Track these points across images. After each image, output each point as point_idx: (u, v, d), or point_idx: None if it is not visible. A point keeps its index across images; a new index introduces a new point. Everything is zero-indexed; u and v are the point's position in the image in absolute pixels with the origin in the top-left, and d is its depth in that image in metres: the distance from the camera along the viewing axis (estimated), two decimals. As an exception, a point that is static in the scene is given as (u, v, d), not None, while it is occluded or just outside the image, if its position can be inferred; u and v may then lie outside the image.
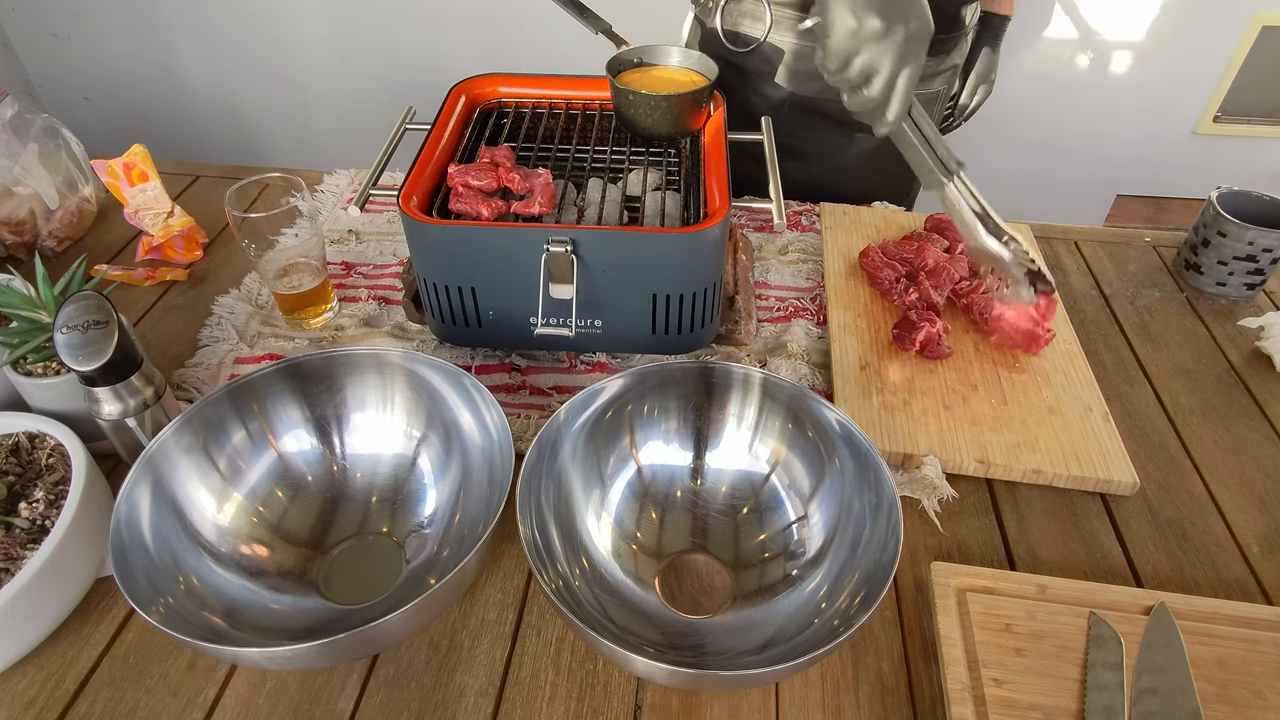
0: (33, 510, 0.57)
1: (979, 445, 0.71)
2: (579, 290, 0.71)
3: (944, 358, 0.79)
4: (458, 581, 0.51)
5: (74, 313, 0.58)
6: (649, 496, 0.66)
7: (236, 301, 0.87)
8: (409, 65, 1.88)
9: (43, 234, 0.93)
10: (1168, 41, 1.65)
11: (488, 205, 0.72)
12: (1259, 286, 0.91)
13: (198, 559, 0.57)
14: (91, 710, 0.54)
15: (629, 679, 0.57)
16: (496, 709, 0.55)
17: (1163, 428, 0.77)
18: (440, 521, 0.63)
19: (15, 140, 0.92)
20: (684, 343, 0.77)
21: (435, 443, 0.66)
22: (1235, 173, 1.80)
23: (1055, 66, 1.70)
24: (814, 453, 0.63)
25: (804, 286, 0.91)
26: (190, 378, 0.78)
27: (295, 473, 0.65)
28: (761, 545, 0.63)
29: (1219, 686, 0.54)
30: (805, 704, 0.55)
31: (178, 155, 1.25)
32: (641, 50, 0.85)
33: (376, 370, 0.66)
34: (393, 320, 0.86)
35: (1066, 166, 1.84)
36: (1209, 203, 0.90)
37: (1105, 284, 0.94)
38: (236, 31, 1.87)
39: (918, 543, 0.66)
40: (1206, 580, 0.64)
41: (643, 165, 0.83)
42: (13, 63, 1.98)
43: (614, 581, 0.60)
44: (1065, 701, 0.53)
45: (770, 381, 0.64)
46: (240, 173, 1.08)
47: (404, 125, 0.86)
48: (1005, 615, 0.57)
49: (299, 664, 0.52)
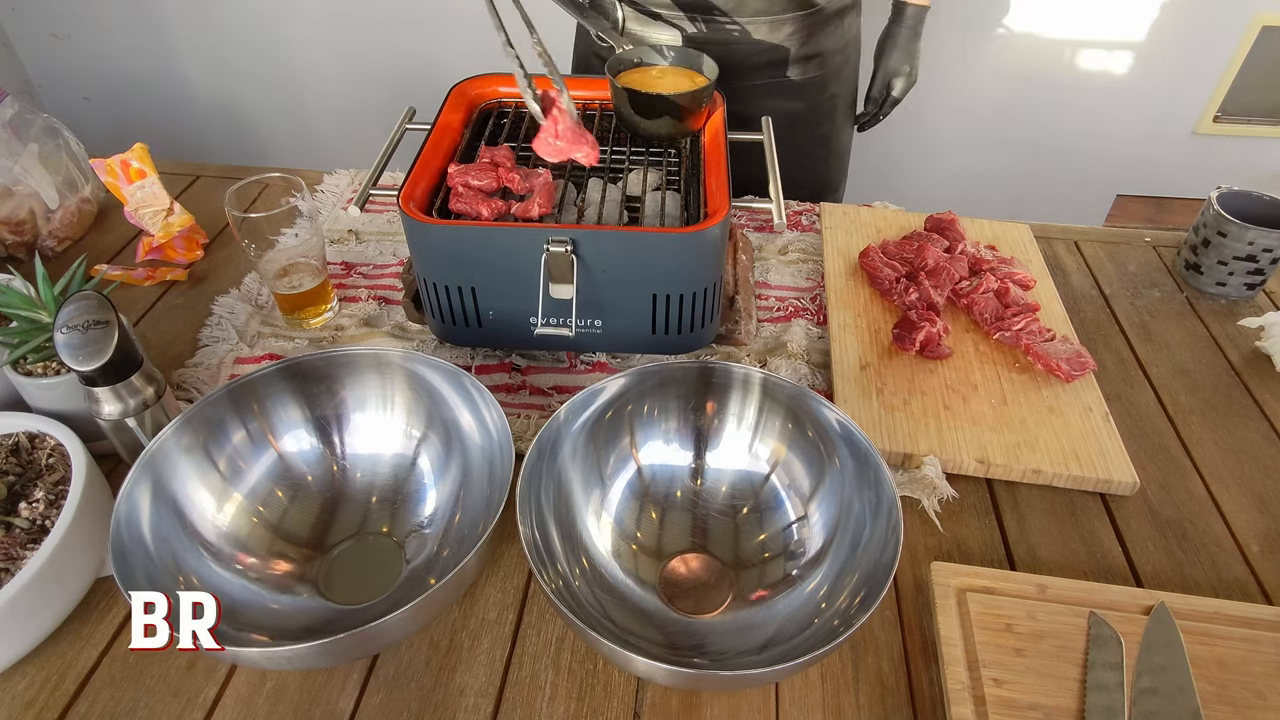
0: (33, 510, 0.57)
1: (979, 445, 0.71)
2: (579, 290, 0.71)
3: (944, 358, 0.79)
4: (458, 581, 0.51)
5: (74, 313, 0.58)
6: (649, 496, 0.66)
7: (236, 301, 0.87)
8: (409, 65, 1.88)
9: (43, 234, 0.93)
10: (1168, 41, 1.65)
11: (488, 205, 0.72)
12: (1259, 286, 0.91)
13: (198, 559, 0.57)
14: (91, 710, 0.54)
15: (629, 679, 0.57)
16: (496, 709, 0.55)
17: (1163, 428, 0.77)
18: (440, 521, 0.63)
19: (15, 140, 0.92)
20: (684, 343, 0.77)
21: (435, 443, 0.66)
22: (1235, 173, 1.80)
23: (1055, 66, 1.70)
24: (814, 453, 0.63)
25: (804, 286, 0.91)
26: (190, 378, 0.78)
27: (295, 473, 0.65)
28: (761, 545, 0.63)
29: (1219, 686, 0.54)
30: (805, 704, 0.55)
31: (178, 155, 1.25)
32: (641, 50, 0.85)
33: (376, 370, 0.66)
34: (393, 320, 0.86)
35: (1066, 166, 1.84)
36: (1209, 203, 0.90)
37: (1105, 284, 0.94)
38: (236, 31, 1.87)
39: (918, 543, 0.66)
40: (1206, 580, 0.64)
41: (643, 165, 0.83)
42: (13, 63, 1.97)
43: (614, 581, 0.60)
44: (1065, 701, 0.53)
45: (770, 381, 0.64)
46: (240, 173, 1.08)
47: (404, 125, 0.86)
48: (1005, 615, 0.57)
49: (299, 664, 0.52)
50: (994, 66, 1.71)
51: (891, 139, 1.80)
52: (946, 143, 1.84)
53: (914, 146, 1.84)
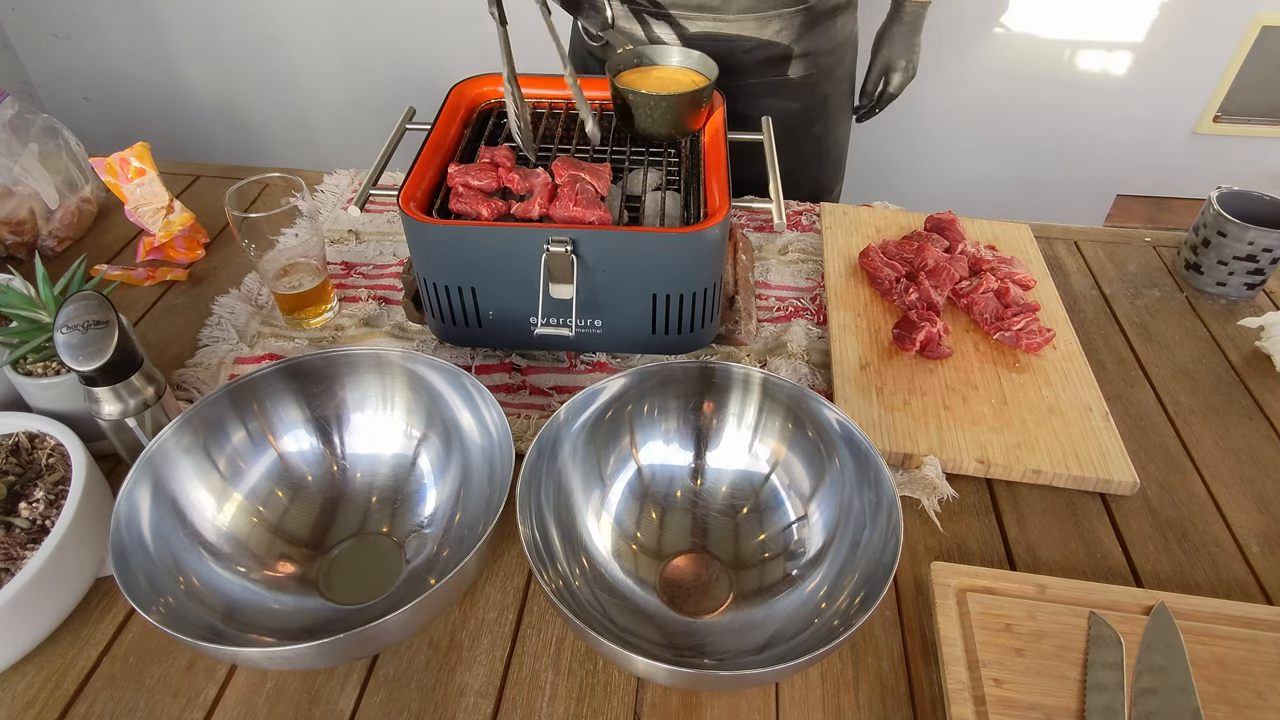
0: (33, 510, 0.57)
1: (979, 445, 0.71)
2: (579, 290, 0.71)
3: (944, 358, 0.79)
4: (458, 581, 0.51)
5: (74, 313, 0.58)
6: (649, 496, 0.66)
7: (236, 301, 0.87)
8: (409, 65, 1.88)
9: (43, 234, 0.93)
10: (1168, 42, 1.65)
11: (488, 205, 0.72)
12: (1259, 286, 0.91)
13: (198, 559, 0.57)
14: (91, 710, 0.54)
15: (629, 679, 0.57)
16: (496, 709, 0.55)
17: (1163, 428, 0.77)
18: (440, 521, 0.63)
19: (15, 140, 0.92)
20: (684, 343, 0.77)
21: (435, 443, 0.66)
22: (1235, 173, 1.80)
23: (1055, 66, 1.70)
24: (814, 453, 0.63)
25: (804, 286, 0.91)
26: (190, 378, 0.78)
27: (295, 473, 0.65)
28: (761, 545, 0.63)
29: (1219, 686, 0.54)
30: (805, 704, 0.55)
31: (178, 155, 1.25)
32: (641, 50, 0.85)
33: (376, 370, 0.66)
34: (393, 320, 0.86)
35: (1066, 166, 1.84)
36: (1209, 203, 0.90)
37: (1105, 284, 0.94)
38: (236, 31, 1.87)
39: (918, 543, 0.66)
40: (1206, 580, 0.64)
41: (643, 165, 0.83)
42: (13, 63, 1.97)
43: (614, 581, 0.60)
44: (1065, 701, 0.53)
45: (770, 381, 0.64)
46: (240, 173, 1.08)
47: (404, 125, 0.86)
48: (1005, 615, 0.57)
49: (299, 664, 0.52)
50: (994, 66, 1.71)
51: (892, 139, 1.80)
52: (946, 143, 1.84)
53: (914, 146, 1.85)
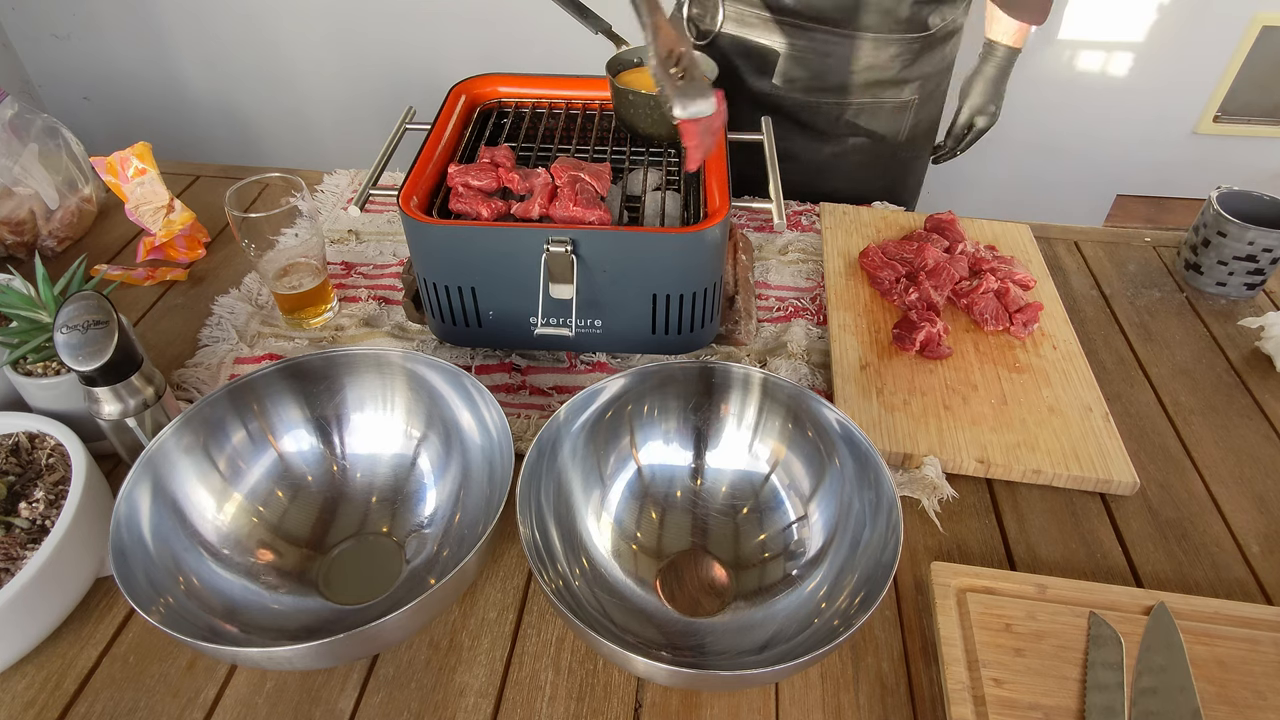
0: (33, 510, 0.57)
1: (979, 445, 0.71)
2: (579, 290, 0.71)
3: (944, 358, 0.79)
4: (458, 581, 0.51)
5: (74, 313, 0.58)
6: (649, 496, 0.66)
7: (236, 301, 0.87)
8: (409, 65, 1.88)
9: (43, 234, 0.93)
10: (1168, 41, 1.65)
11: (488, 205, 0.72)
12: (1259, 286, 0.91)
13: (198, 559, 0.57)
14: (91, 710, 0.54)
15: (629, 679, 0.57)
16: (496, 709, 0.55)
17: (1163, 428, 0.77)
18: (440, 521, 0.63)
19: (15, 140, 0.92)
20: (684, 343, 0.77)
21: (435, 443, 0.66)
22: (1235, 173, 1.80)
23: (1055, 66, 1.70)
24: (814, 453, 0.63)
25: (804, 286, 0.91)
26: (190, 378, 0.78)
27: (295, 473, 0.65)
28: (761, 545, 0.63)
29: (1219, 686, 0.54)
30: (805, 704, 0.55)
31: (178, 155, 1.25)
32: (641, 50, 0.85)
33: (376, 370, 0.66)
34: (393, 320, 0.86)
35: (1066, 167, 1.84)
36: (1209, 203, 0.90)
37: (1105, 284, 0.94)
38: (236, 31, 1.87)
39: (918, 543, 0.66)
40: (1206, 580, 0.64)
41: (643, 165, 0.83)
42: (13, 63, 1.98)
43: (614, 581, 0.60)
44: (1065, 701, 0.53)
45: (770, 381, 0.64)
46: (240, 173, 1.08)
47: (404, 125, 0.86)
48: (1005, 615, 0.57)
49: (299, 664, 0.52)
50: (994, 66, 1.71)
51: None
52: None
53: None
